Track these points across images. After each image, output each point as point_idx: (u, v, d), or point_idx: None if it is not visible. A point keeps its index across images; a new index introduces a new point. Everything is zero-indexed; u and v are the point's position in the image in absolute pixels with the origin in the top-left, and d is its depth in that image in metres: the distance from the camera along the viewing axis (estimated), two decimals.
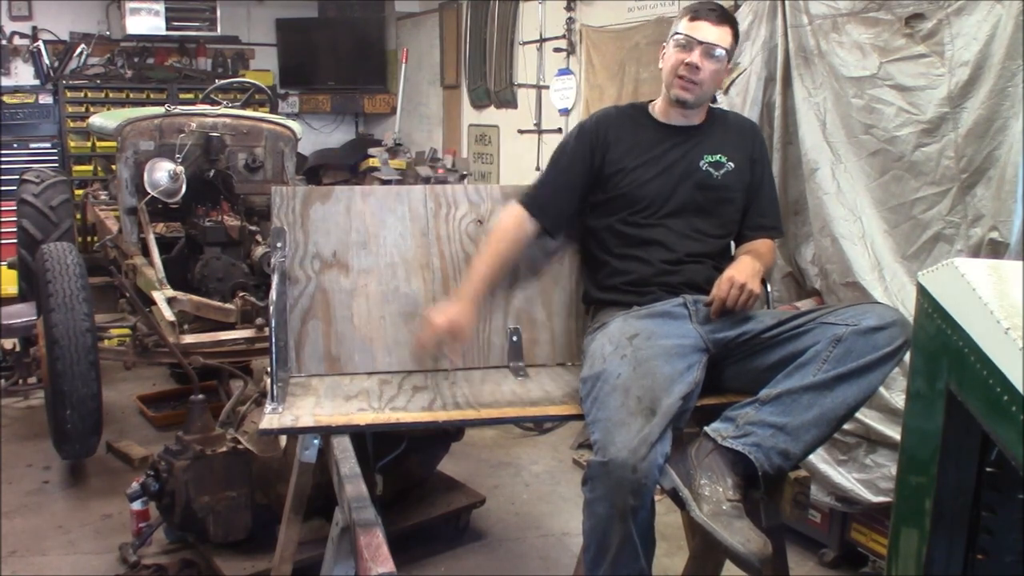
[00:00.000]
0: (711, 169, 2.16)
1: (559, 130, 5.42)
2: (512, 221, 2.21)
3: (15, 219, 4.71)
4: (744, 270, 1.98)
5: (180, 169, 3.82)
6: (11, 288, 5.07)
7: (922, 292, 1.26)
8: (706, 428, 1.83)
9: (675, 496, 1.73)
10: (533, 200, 2.22)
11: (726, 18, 2.12)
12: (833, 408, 1.77)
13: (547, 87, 5.54)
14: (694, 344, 1.92)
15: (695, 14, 2.10)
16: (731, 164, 2.17)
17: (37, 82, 6.83)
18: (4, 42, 6.76)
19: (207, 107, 4.37)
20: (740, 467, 1.75)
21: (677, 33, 2.11)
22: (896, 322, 1.79)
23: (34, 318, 3.88)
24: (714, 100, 3.02)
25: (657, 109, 2.24)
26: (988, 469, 1.18)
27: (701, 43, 2.07)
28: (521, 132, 5.84)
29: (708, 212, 2.16)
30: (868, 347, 1.77)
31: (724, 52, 2.09)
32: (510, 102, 6.04)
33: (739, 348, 1.96)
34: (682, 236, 2.13)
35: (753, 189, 2.23)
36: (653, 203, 2.14)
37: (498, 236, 2.22)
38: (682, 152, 2.17)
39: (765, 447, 1.75)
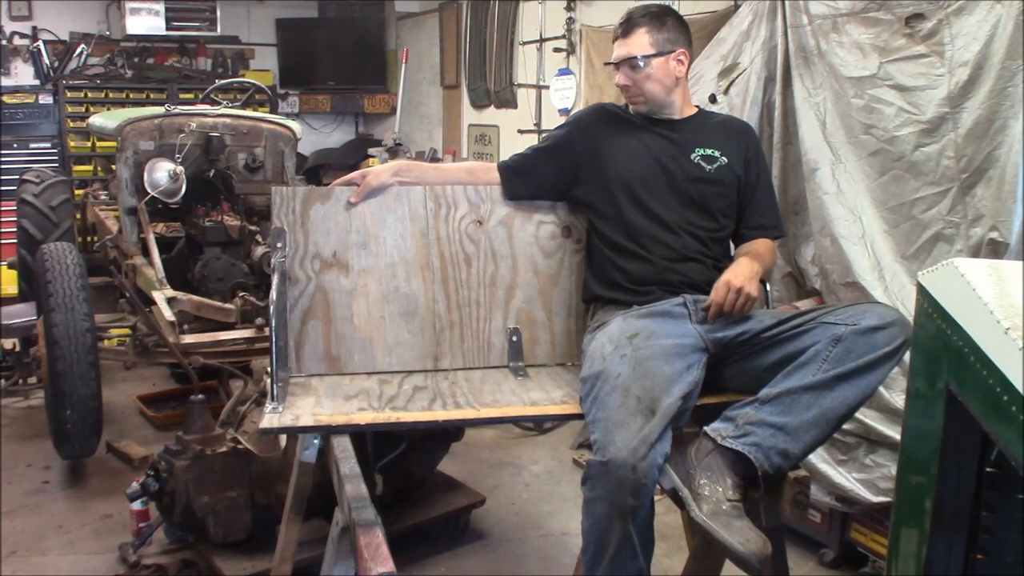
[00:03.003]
0: (703, 163, 2.18)
1: None
2: (485, 168, 2.41)
3: (15, 219, 4.71)
4: (742, 273, 1.99)
5: (180, 169, 3.82)
6: (11, 288, 5.07)
7: (922, 292, 1.26)
8: (706, 428, 1.83)
9: (675, 496, 1.74)
10: (507, 165, 2.37)
11: (634, 23, 2.18)
12: (833, 408, 1.77)
13: (547, 87, 5.54)
14: (694, 344, 1.93)
15: (613, 36, 2.23)
16: (724, 159, 2.19)
17: (37, 82, 6.82)
18: (4, 42, 6.76)
19: (207, 107, 4.36)
20: (740, 467, 1.75)
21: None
22: (896, 322, 1.80)
23: (34, 318, 3.88)
24: (714, 100, 3.02)
25: None
26: (988, 469, 1.18)
27: (618, 63, 2.20)
28: (521, 132, 5.83)
29: (701, 206, 2.17)
30: (868, 347, 1.77)
31: (644, 56, 2.15)
32: (510, 102, 6.04)
33: (739, 348, 1.96)
34: (679, 230, 2.14)
35: (750, 189, 2.24)
36: (646, 188, 2.16)
37: (468, 166, 2.46)
38: (669, 141, 2.21)
39: (765, 447, 1.75)
